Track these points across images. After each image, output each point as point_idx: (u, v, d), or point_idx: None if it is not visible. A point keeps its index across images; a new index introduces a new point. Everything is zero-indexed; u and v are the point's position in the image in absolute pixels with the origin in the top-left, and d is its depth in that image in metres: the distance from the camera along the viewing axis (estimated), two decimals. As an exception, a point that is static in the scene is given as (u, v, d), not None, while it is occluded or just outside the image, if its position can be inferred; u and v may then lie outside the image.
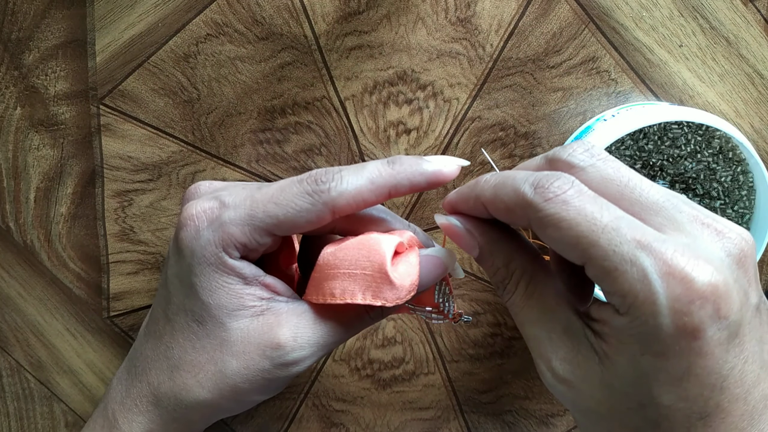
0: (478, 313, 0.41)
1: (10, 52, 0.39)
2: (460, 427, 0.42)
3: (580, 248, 0.22)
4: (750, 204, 0.36)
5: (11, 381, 0.42)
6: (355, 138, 0.39)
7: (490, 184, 0.25)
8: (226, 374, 0.28)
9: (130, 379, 0.30)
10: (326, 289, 0.27)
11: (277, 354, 0.27)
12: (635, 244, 0.21)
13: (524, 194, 0.23)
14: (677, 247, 0.21)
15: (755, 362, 0.22)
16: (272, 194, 0.27)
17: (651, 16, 0.37)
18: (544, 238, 0.24)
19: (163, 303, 0.29)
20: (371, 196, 0.27)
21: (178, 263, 0.28)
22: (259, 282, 0.28)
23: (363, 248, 0.27)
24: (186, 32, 0.38)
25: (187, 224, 0.28)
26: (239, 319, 0.28)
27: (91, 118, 0.40)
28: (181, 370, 0.28)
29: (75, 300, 0.41)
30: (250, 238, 0.27)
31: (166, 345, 0.29)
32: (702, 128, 0.36)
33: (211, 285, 0.27)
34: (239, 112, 0.39)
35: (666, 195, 0.23)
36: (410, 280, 0.27)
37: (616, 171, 0.24)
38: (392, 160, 0.27)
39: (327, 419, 0.42)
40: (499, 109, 0.39)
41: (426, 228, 0.40)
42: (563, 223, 0.22)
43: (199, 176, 0.40)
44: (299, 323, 0.28)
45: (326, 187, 0.26)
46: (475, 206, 0.26)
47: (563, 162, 0.24)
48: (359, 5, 0.38)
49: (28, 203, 0.40)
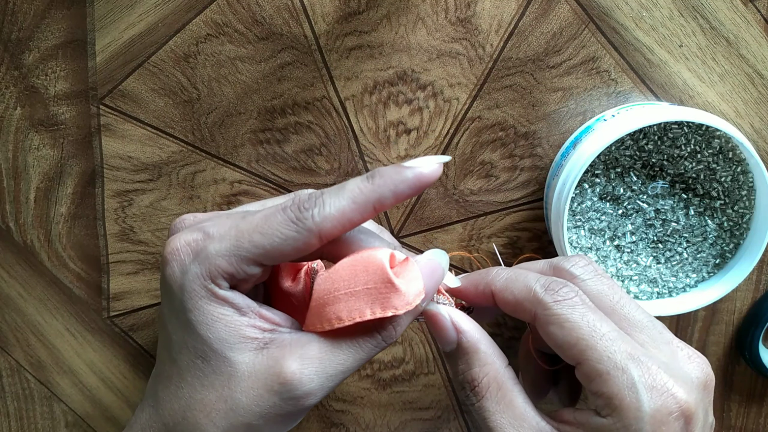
0: (478, 313, 0.41)
1: (10, 52, 0.39)
2: (460, 427, 0.42)
3: (578, 348, 0.26)
4: (750, 204, 0.36)
5: (11, 381, 0.42)
6: (355, 138, 0.39)
7: (503, 276, 0.29)
8: (237, 413, 0.27)
9: (146, 420, 0.29)
10: (330, 314, 0.26)
11: (286, 390, 0.26)
12: (627, 354, 0.25)
13: (536, 292, 0.27)
14: (660, 364, 0.25)
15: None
16: (257, 224, 0.26)
17: (651, 16, 0.37)
18: (545, 335, 0.27)
19: (167, 344, 0.29)
20: (356, 215, 0.26)
21: (171, 302, 0.28)
22: (254, 312, 0.27)
23: (358, 264, 0.26)
24: (186, 32, 0.38)
25: (172, 259, 0.27)
26: (243, 352, 0.27)
27: (91, 118, 0.40)
28: (194, 410, 0.27)
29: (75, 300, 0.41)
30: (238, 269, 0.26)
31: (176, 385, 0.28)
32: (702, 128, 0.36)
33: (206, 319, 0.27)
34: (239, 112, 0.39)
35: (647, 317, 0.28)
36: (415, 286, 0.26)
37: (609, 288, 0.28)
38: (371, 175, 0.27)
39: (327, 419, 0.42)
40: (499, 109, 0.39)
41: (425, 228, 0.40)
42: (567, 323, 0.26)
43: (199, 176, 0.40)
44: (305, 354, 0.26)
45: (309, 214, 0.26)
46: (483, 292, 0.29)
47: (567, 272, 0.28)
48: (359, 5, 0.38)
49: (28, 203, 0.40)
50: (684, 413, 0.25)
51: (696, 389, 0.26)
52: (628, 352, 0.25)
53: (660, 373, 0.25)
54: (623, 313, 0.27)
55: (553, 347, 0.27)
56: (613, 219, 0.37)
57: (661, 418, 0.25)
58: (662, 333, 0.27)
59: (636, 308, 0.28)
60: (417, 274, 0.27)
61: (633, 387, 0.25)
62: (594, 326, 0.26)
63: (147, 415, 0.29)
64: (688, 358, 0.27)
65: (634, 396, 0.25)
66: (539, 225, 0.40)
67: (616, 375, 0.25)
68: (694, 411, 0.25)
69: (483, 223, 0.40)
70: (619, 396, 0.25)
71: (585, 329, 0.26)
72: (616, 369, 0.25)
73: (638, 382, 0.25)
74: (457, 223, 0.40)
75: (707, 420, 0.27)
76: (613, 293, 0.28)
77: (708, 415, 0.27)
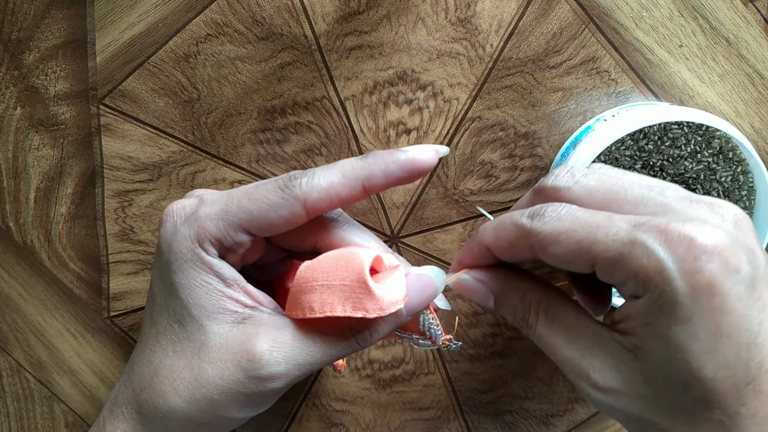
0: (478, 313, 0.41)
1: (10, 52, 0.39)
2: (460, 427, 0.42)
3: (584, 252, 0.23)
4: (750, 204, 0.36)
5: (11, 381, 0.42)
6: (355, 138, 0.39)
7: (490, 228, 0.27)
8: (201, 383, 0.27)
9: (119, 386, 0.30)
10: (304, 302, 0.26)
11: (252, 366, 0.26)
12: (630, 227, 0.22)
13: (523, 224, 0.25)
14: (670, 218, 0.22)
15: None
16: (247, 190, 0.27)
17: (651, 17, 0.37)
18: (550, 259, 0.24)
19: (150, 306, 0.29)
20: (344, 190, 0.26)
21: (159, 261, 0.28)
22: (239, 286, 0.27)
23: (340, 259, 0.26)
24: (186, 32, 0.38)
25: (166, 220, 0.28)
26: (219, 323, 0.27)
27: (91, 118, 0.40)
28: (160, 375, 0.27)
29: (75, 300, 0.41)
30: (225, 234, 0.27)
31: (150, 348, 0.28)
32: (702, 128, 0.36)
33: (189, 283, 0.27)
34: (239, 112, 0.39)
35: (650, 185, 0.24)
36: (394, 294, 0.26)
37: (597, 181, 0.25)
38: (365, 155, 0.27)
39: (327, 419, 0.42)
40: (499, 109, 0.39)
41: (426, 228, 0.40)
42: (562, 235, 0.23)
43: (199, 176, 0.40)
44: (278, 337, 0.26)
45: (298, 182, 0.26)
46: (480, 253, 0.27)
47: (549, 188, 0.26)
48: (359, 5, 0.38)
49: (28, 203, 0.40)
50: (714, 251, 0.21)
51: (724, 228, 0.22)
52: (631, 224, 0.22)
53: (672, 224, 0.21)
54: (620, 197, 0.24)
55: (566, 268, 0.24)
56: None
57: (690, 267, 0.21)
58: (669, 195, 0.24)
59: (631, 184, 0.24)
60: (400, 283, 0.26)
61: (648, 252, 0.21)
62: (587, 222, 0.23)
63: (120, 383, 0.30)
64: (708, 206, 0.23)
65: (653, 259, 0.21)
66: (539, 225, 0.40)
67: (628, 251, 0.22)
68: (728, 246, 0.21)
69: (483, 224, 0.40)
70: (641, 268, 0.21)
71: (580, 230, 0.23)
72: (625, 245, 0.22)
73: (651, 243, 0.21)
74: (457, 223, 0.40)
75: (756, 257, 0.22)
76: (602, 184, 0.25)
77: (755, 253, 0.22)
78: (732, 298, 0.21)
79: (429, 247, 0.40)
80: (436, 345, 0.29)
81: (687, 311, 0.21)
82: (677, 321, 0.21)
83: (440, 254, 0.40)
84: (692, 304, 0.21)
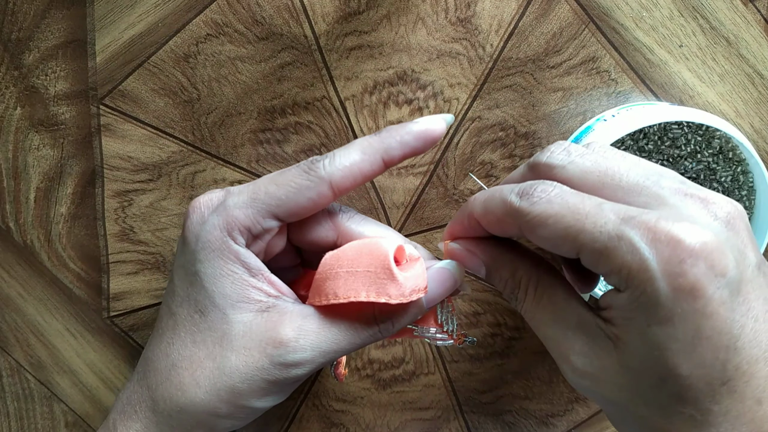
0: (478, 313, 0.41)
1: (10, 52, 0.39)
2: (460, 427, 0.42)
3: (570, 239, 0.23)
4: (750, 204, 0.36)
5: (11, 381, 0.42)
6: (355, 138, 0.39)
7: (480, 200, 0.26)
8: (224, 371, 0.27)
9: (132, 385, 0.30)
10: (328, 289, 0.27)
11: (278, 353, 0.27)
12: (619, 221, 0.22)
13: (511, 203, 0.24)
14: (661, 215, 0.22)
15: (767, 321, 0.22)
16: (272, 177, 0.28)
17: (651, 16, 0.37)
18: (537, 241, 0.24)
19: (169, 297, 0.29)
20: (366, 166, 0.28)
21: (184, 253, 0.28)
22: (264, 276, 0.28)
23: (364, 248, 0.27)
24: (186, 32, 0.38)
25: (193, 212, 0.28)
26: (243, 312, 0.27)
27: (91, 118, 0.40)
28: (179, 367, 0.27)
29: (75, 300, 0.41)
30: (254, 222, 0.27)
31: (167, 342, 0.28)
32: (702, 128, 0.36)
33: (215, 272, 0.27)
34: (239, 112, 0.39)
35: (646, 173, 0.24)
36: (416, 282, 0.27)
37: (593, 163, 0.24)
38: (380, 131, 0.28)
39: (327, 419, 0.42)
40: (499, 109, 0.39)
41: (426, 228, 0.40)
42: (550, 219, 0.23)
43: (199, 176, 0.40)
44: (304, 325, 0.27)
45: (321, 164, 0.27)
46: (470, 225, 0.27)
47: (543, 165, 0.25)
48: (359, 5, 0.38)
49: (28, 203, 0.40)
50: (701, 254, 0.20)
51: (715, 228, 0.22)
52: (620, 217, 0.22)
53: (661, 222, 0.21)
54: (614, 182, 0.24)
55: (551, 250, 0.24)
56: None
57: (673, 269, 0.21)
58: (664, 186, 0.23)
59: (628, 169, 0.24)
60: (422, 273, 0.27)
61: (633, 249, 0.21)
62: (577, 208, 0.22)
63: (133, 383, 0.29)
64: (701, 202, 0.23)
65: (637, 257, 0.21)
66: (539, 225, 0.40)
67: (614, 245, 0.21)
68: (716, 249, 0.21)
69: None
70: (624, 264, 0.21)
71: (569, 217, 0.22)
72: (611, 239, 0.21)
73: (637, 241, 0.21)
74: (457, 223, 0.40)
75: (746, 259, 0.22)
76: (598, 166, 0.24)
77: (745, 255, 0.22)
78: (714, 302, 0.21)
79: (429, 247, 0.40)
80: (452, 339, 0.30)
81: (668, 312, 0.21)
82: (657, 321, 0.21)
83: (440, 254, 0.40)
84: (673, 305, 0.21)
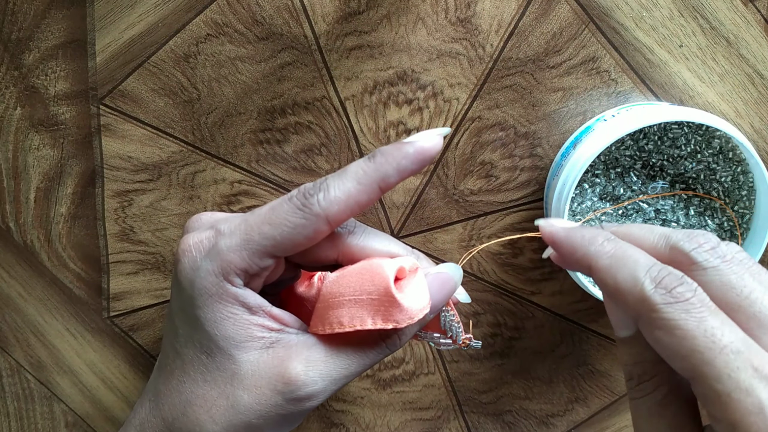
0: (478, 313, 0.41)
1: (10, 52, 0.39)
2: (460, 427, 0.42)
3: (691, 362, 0.21)
4: (750, 204, 0.36)
5: (11, 381, 0.42)
6: (355, 138, 0.39)
7: (608, 254, 0.24)
8: (238, 410, 0.26)
9: (145, 415, 0.29)
10: (332, 318, 0.26)
11: (289, 390, 0.26)
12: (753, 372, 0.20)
13: (644, 288, 0.23)
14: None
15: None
16: (264, 215, 0.27)
17: (651, 16, 0.37)
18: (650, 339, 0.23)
19: (172, 336, 0.29)
20: (362, 197, 0.26)
21: (180, 296, 0.28)
22: (264, 312, 0.27)
23: (366, 273, 0.26)
24: (186, 32, 0.38)
25: (184, 256, 0.27)
26: (248, 351, 0.27)
27: (91, 118, 0.40)
28: (194, 405, 0.27)
29: (75, 300, 0.41)
30: (250, 263, 0.26)
31: (178, 379, 0.28)
32: (702, 128, 0.36)
33: (215, 316, 0.27)
34: (239, 112, 0.39)
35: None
36: (420, 301, 0.26)
37: (738, 278, 0.23)
38: (373, 155, 0.27)
39: (327, 419, 0.42)
40: (499, 109, 0.39)
41: (426, 228, 0.40)
42: (679, 331, 0.21)
43: (199, 176, 0.40)
44: (310, 356, 0.27)
45: (315, 199, 0.26)
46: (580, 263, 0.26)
47: (686, 256, 0.24)
48: (359, 5, 0.38)
49: (28, 203, 0.40)
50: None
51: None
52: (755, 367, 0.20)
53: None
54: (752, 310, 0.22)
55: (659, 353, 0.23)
56: (613, 219, 0.37)
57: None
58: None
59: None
60: (424, 288, 0.27)
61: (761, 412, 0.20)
62: (713, 335, 0.21)
63: (146, 410, 0.29)
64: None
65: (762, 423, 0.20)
66: (539, 225, 0.40)
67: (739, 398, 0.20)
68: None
69: (483, 224, 0.40)
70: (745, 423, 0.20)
71: (701, 339, 0.21)
72: (739, 391, 0.20)
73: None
74: (457, 223, 0.40)
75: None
76: (743, 285, 0.22)
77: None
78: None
79: (429, 247, 0.40)
80: (456, 344, 0.30)
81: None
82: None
83: (440, 254, 0.40)
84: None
